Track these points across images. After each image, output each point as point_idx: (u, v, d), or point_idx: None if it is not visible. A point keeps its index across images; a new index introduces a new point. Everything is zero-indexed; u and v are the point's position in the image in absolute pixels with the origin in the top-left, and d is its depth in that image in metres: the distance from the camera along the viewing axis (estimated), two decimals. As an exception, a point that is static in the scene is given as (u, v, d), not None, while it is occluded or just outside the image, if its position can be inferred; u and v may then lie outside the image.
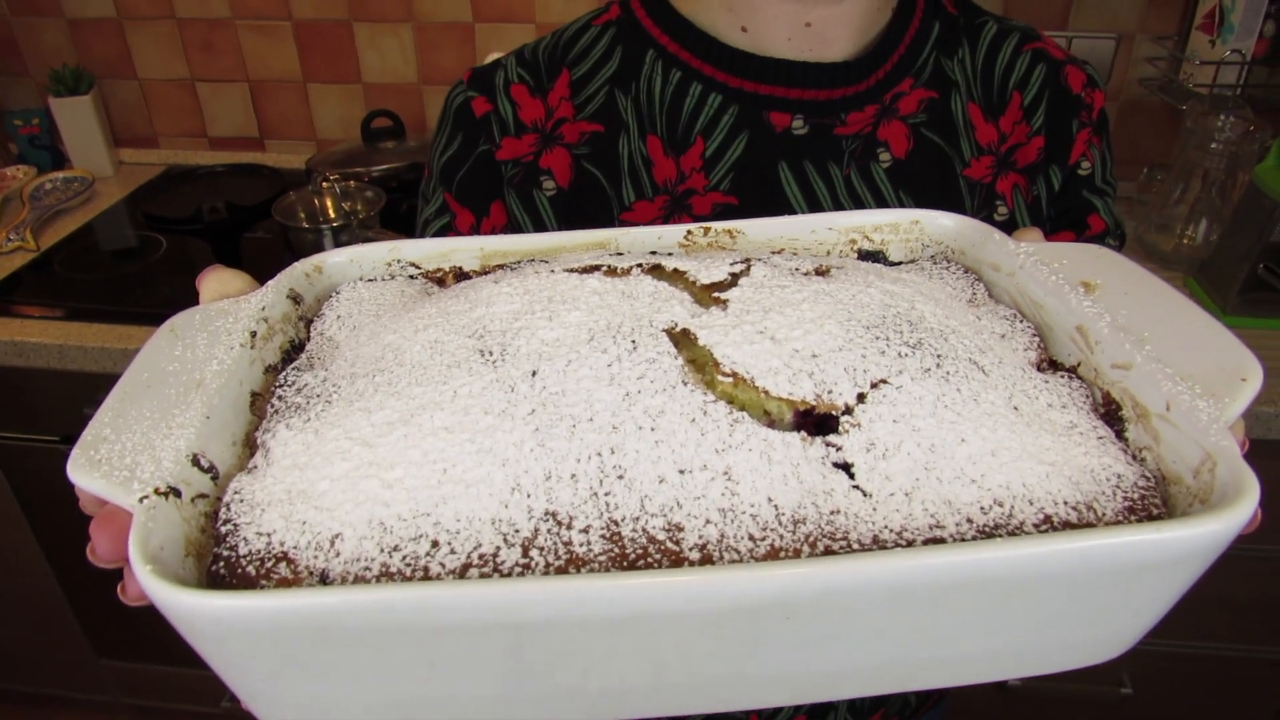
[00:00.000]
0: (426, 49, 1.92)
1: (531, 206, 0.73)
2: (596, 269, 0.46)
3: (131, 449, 0.38)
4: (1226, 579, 1.48)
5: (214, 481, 0.39)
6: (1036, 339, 0.48)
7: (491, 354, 0.40)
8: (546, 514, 0.34)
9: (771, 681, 0.35)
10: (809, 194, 0.71)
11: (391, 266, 0.56)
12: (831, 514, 0.35)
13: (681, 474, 0.35)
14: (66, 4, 1.94)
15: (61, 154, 2.00)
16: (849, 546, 0.34)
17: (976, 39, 0.74)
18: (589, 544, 0.33)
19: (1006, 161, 0.73)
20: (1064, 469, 0.38)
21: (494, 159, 0.73)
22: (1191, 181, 1.60)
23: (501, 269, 0.53)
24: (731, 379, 0.38)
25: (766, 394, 0.38)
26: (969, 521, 0.35)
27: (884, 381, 0.39)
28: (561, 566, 0.33)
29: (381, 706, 0.34)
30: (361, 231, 1.59)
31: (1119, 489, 0.38)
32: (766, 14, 0.69)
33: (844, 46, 0.71)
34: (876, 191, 0.71)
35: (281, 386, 0.44)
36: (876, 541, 0.34)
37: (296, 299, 0.53)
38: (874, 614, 0.33)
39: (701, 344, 0.40)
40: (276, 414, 0.42)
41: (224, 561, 0.34)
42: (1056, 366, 0.48)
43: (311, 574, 0.34)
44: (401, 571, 0.33)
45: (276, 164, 2.02)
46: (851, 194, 0.71)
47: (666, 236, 0.56)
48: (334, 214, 1.64)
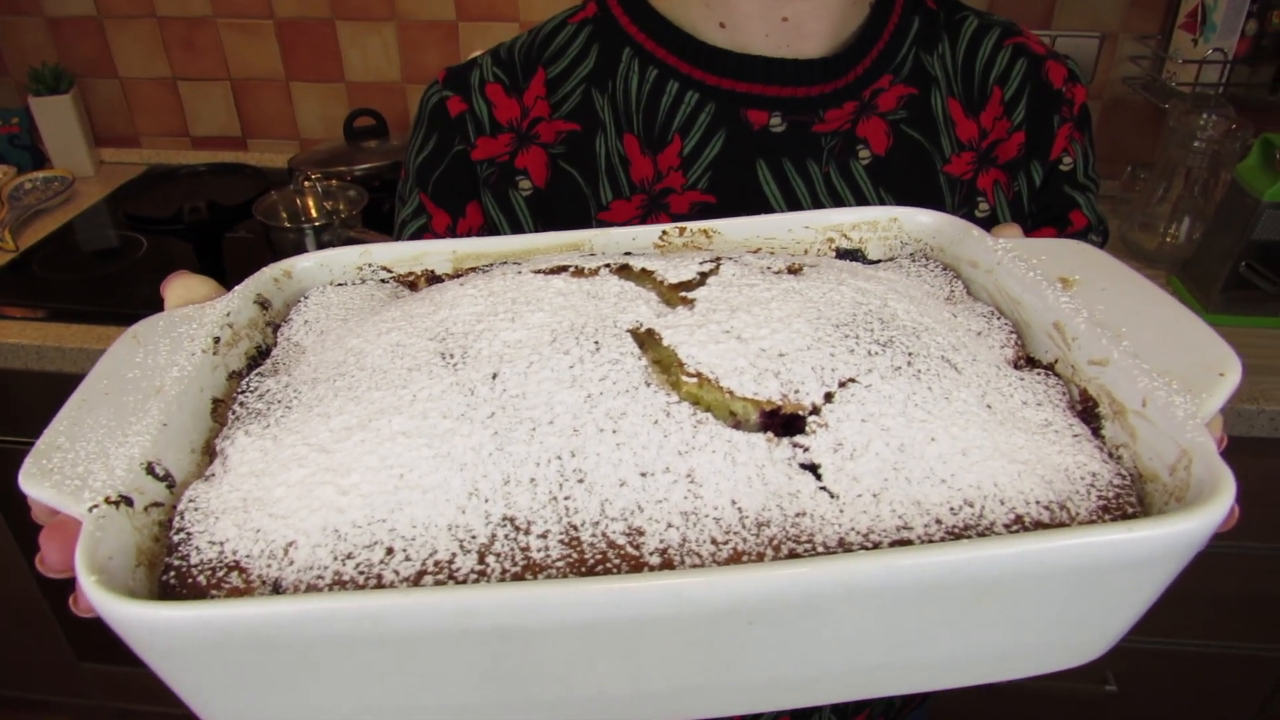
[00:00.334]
0: (410, 48, 1.91)
1: (508, 207, 0.72)
2: (564, 269, 0.45)
3: (85, 458, 0.37)
4: (1210, 576, 1.48)
5: (170, 490, 0.38)
6: (1014, 336, 0.48)
7: (453, 356, 0.39)
8: (504, 519, 0.33)
9: (738, 689, 0.34)
10: (788, 192, 0.70)
11: (363, 270, 0.55)
12: (797, 516, 0.34)
13: (643, 477, 0.34)
14: (46, 2, 1.92)
15: (41, 153, 1.98)
16: (814, 549, 0.33)
17: (957, 34, 0.74)
18: (547, 549, 0.33)
19: (987, 157, 0.73)
20: (1037, 468, 0.37)
21: (469, 159, 0.72)
22: (1174, 180, 1.61)
23: (474, 272, 0.52)
24: (696, 379, 0.38)
25: (731, 394, 0.37)
26: (938, 523, 0.34)
27: (853, 380, 0.38)
28: (518, 573, 0.32)
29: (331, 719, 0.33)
30: (343, 231, 1.58)
31: (1094, 487, 0.37)
32: (743, 9, 0.68)
33: (822, 42, 0.70)
34: (856, 189, 0.71)
35: (244, 393, 0.43)
36: (842, 544, 0.33)
37: (264, 304, 0.52)
38: (839, 618, 0.32)
39: (666, 344, 0.39)
40: (237, 420, 0.41)
41: (175, 571, 0.33)
42: (1034, 364, 0.47)
43: (264, 583, 0.33)
44: (355, 579, 0.32)
45: (259, 163, 2.00)
46: (831, 192, 0.70)
47: (641, 237, 0.55)
48: (316, 213, 1.62)
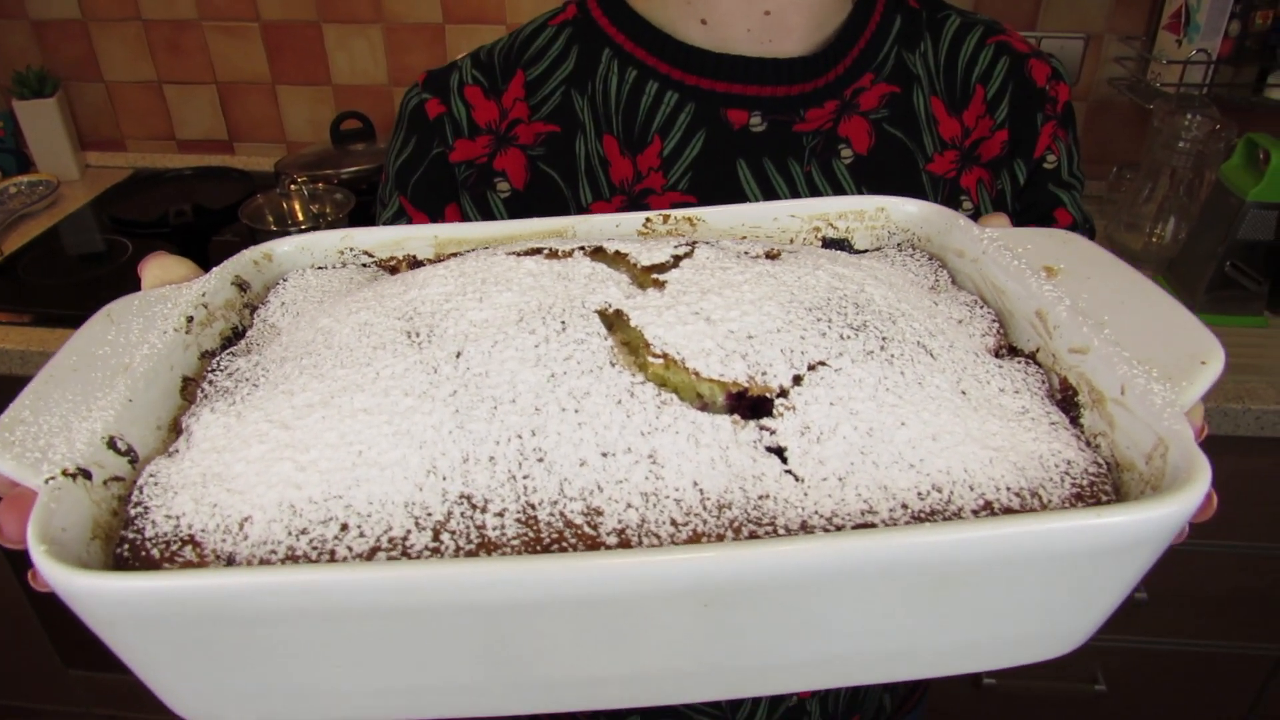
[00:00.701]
0: (396, 50, 1.89)
1: (486, 209, 0.72)
2: (538, 251, 0.45)
3: (47, 431, 0.37)
4: (1198, 575, 1.48)
5: (132, 465, 0.38)
6: (996, 325, 0.47)
7: (418, 335, 0.39)
8: (461, 497, 0.33)
9: (696, 673, 0.34)
10: (769, 191, 0.70)
11: (344, 255, 0.55)
12: (760, 499, 0.33)
13: (604, 457, 0.34)
14: (30, 5, 1.90)
15: (26, 157, 1.95)
16: (775, 532, 0.32)
17: (939, 33, 0.73)
18: (503, 528, 0.32)
19: (970, 156, 0.72)
20: (1010, 454, 0.37)
21: (448, 161, 0.72)
22: (1160, 180, 1.60)
23: (455, 257, 0.52)
24: (662, 360, 0.37)
25: (698, 376, 0.37)
26: (904, 507, 0.34)
27: (822, 364, 0.38)
28: (472, 551, 0.32)
29: (287, 699, 0.33)
30: (329, 233, 1.58)
31: (1068, 475, 0.37)
32: (725, 4, 0.68)
33: (803, 39, 0.70)
34: (838, 188, 0.70)
35: (213, 371, 0.43)
36: (805, 527, 0.33)
37: (243, 286, 0.52)
38: (796, 602, 0.31)
39: (633, 325, 0.39)
40: (205, 398, 0.41)
41: (129, 544, 0.33)
42: (1016, 353, 0.46)
43: (218, 557, 0.33)
44: (308, 555, 0.32)
45: (245, 167, 1.98)
46: (813, 191, 0.70)
47: (625, 224, 0.55)
48: (302, 216, 1.62)
